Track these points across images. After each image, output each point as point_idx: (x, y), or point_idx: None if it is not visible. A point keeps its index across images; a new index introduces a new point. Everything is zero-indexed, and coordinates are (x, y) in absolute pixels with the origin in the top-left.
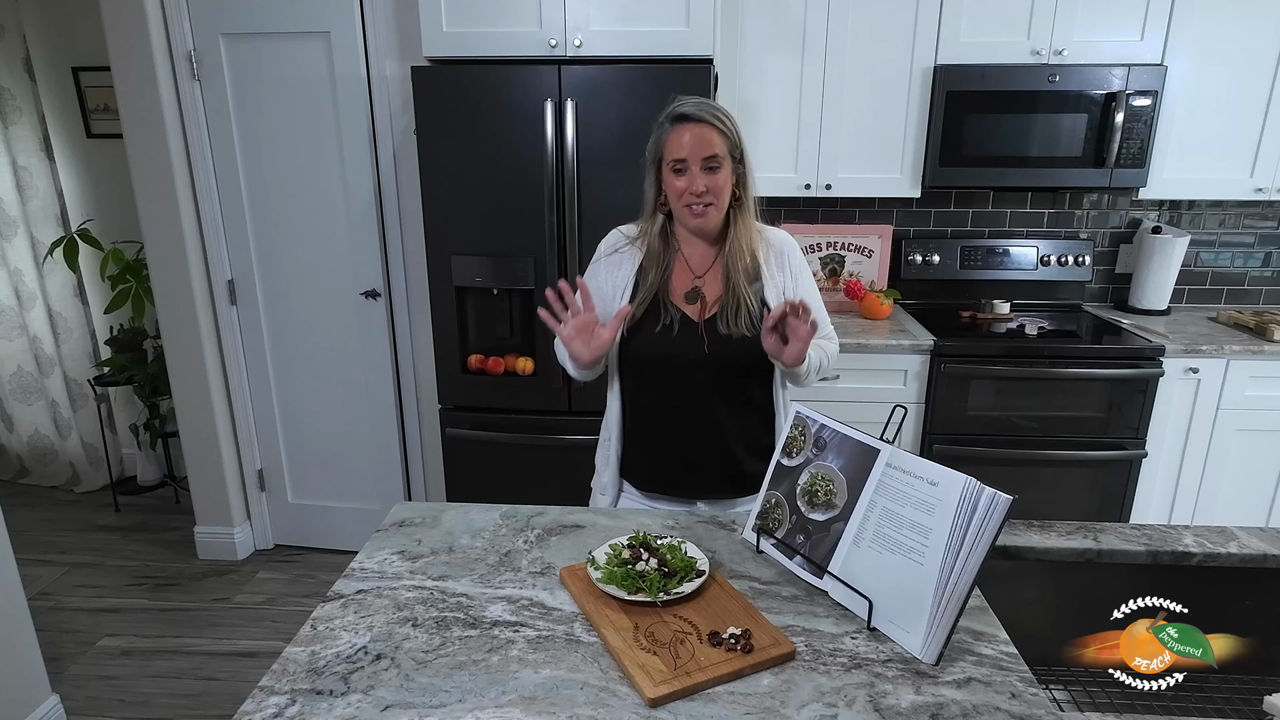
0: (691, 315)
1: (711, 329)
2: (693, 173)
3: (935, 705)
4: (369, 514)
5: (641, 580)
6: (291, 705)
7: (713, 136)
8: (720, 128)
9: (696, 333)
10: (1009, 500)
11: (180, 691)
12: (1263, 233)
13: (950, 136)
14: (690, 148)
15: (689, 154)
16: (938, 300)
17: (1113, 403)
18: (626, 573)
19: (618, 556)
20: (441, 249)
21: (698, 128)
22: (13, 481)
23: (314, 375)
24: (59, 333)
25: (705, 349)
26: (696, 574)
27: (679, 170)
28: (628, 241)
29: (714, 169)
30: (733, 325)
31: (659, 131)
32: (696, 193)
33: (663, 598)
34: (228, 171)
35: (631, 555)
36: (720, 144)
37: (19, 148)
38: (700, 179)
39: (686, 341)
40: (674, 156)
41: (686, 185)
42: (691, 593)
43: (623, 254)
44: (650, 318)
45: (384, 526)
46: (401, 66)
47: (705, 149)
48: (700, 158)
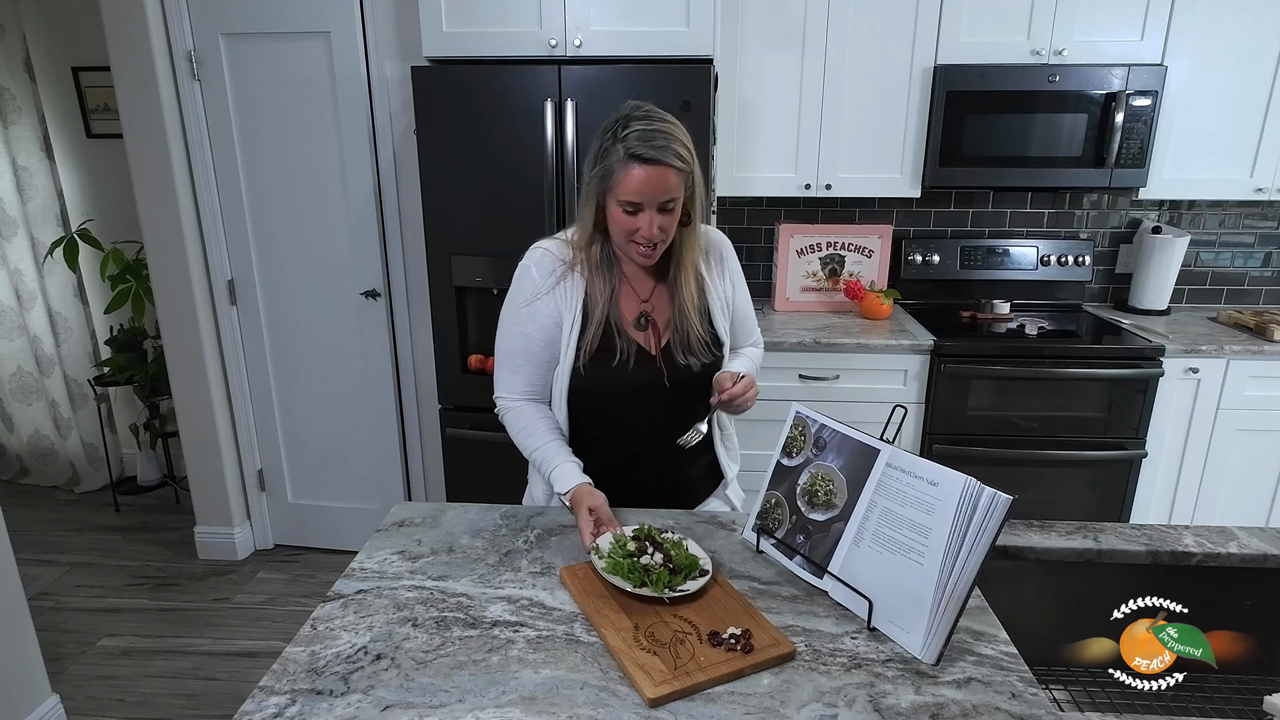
0: (645, 345)
1: (669, 360)
2: (647, 215)
3: (935, 705)
4: (369, 514)
5: (648, 574)
6: (291, 705)
7: (670, 179)
8: (679, 167)
9: (655, 365)
10: (1009, 500)
11: (180, 691)
12: (1263, 233)
13: (950, 136)
14: (646, 194)
15: (644, 200)
16: (938, 300)
17: (1113, 403)
18: (632, 565)
19: (622, 548)
20: (441, 249)
21: (656, 171)
22: (13, 481)
23: (314, 375)
24: (59, 333)
25: (666, 381)
26: (700, 573)
27: (630, 211)
28: (564, 265)
29: (669, 210)
30: (688, 354)
31: (609, 160)
32: (648, 237)
33: (669, 594)
34: (228, 171)
35: (637, 548)
36: (677, 183)
37: (19, 148)
38: (655, 220)
39: (645, 375)
40: (626, 198)
41: (636, 227)
42: (694, 592)
43: (564, 282)
44: (604, 351)
45: (384, 526)
46: (401, 66)
47: (662, 194)
48: (656, 202)
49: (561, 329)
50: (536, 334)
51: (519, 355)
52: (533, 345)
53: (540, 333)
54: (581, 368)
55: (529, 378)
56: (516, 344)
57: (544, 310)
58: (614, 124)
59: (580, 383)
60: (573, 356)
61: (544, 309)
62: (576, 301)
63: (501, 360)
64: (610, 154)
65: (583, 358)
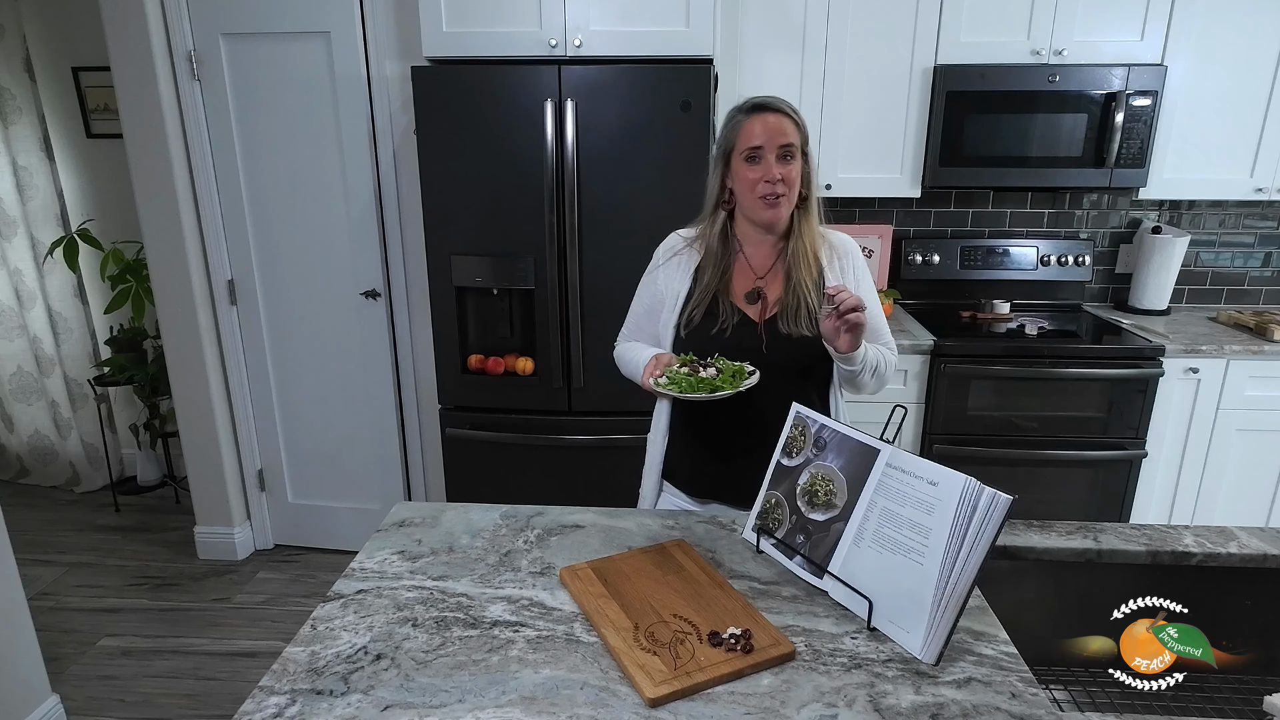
0: (751, 315)
1: (771, 329)
2: (768, 160)
3: (935, 705)
4: (369, 514)
5: (715, 381)
6: (291, 705)
7: (788, 126)
8: (795, 119)
9: (755, 332)
10: (1009, 500)
11: (180, 691)
12: (1263, 233)
13: (950, 136)
14: (766, 136)
15: (765, 141)
16: (938, 300)
17: (1113, 403)
18: (698, 380)
19: (678, 373)
20: (441, 249)
21: (774, 117)
22: (13, 481)
23: (314, 375)
24: (59, 333)
25: (764, 349)
26: (749, 374)
27: (753, 159)
28: (685, 244)
29: (789, 159)
30: (793, 325)
31: (730, 124)
32: (772, 180)
33: (743, 385)
34: (228, 171)
35: (691, 370)
36: (795, 134)
37: (19, 148)
38: (775, 168)
39: (743, 341)
40: (749, 144)
41: (761, 174)
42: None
43: (680, 256)
44: (708, 319)
45: (384, 526)
46: (401, 66)
47: (781, 137)
48: (776, 145)
49: (674, 297)
50: (646, 299)
51: (633, 316)
52: (640, 308)
53: (652, 299)
54: (682, 332)
55: (635, 335)
56: (634, 306)
57: (658, 280)
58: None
59: (680, 346)
60: (675, 321)
61: (659, 280)
62: (688, 271)
63: (626, 319)
64: (731, 120)
65: (685, 325)
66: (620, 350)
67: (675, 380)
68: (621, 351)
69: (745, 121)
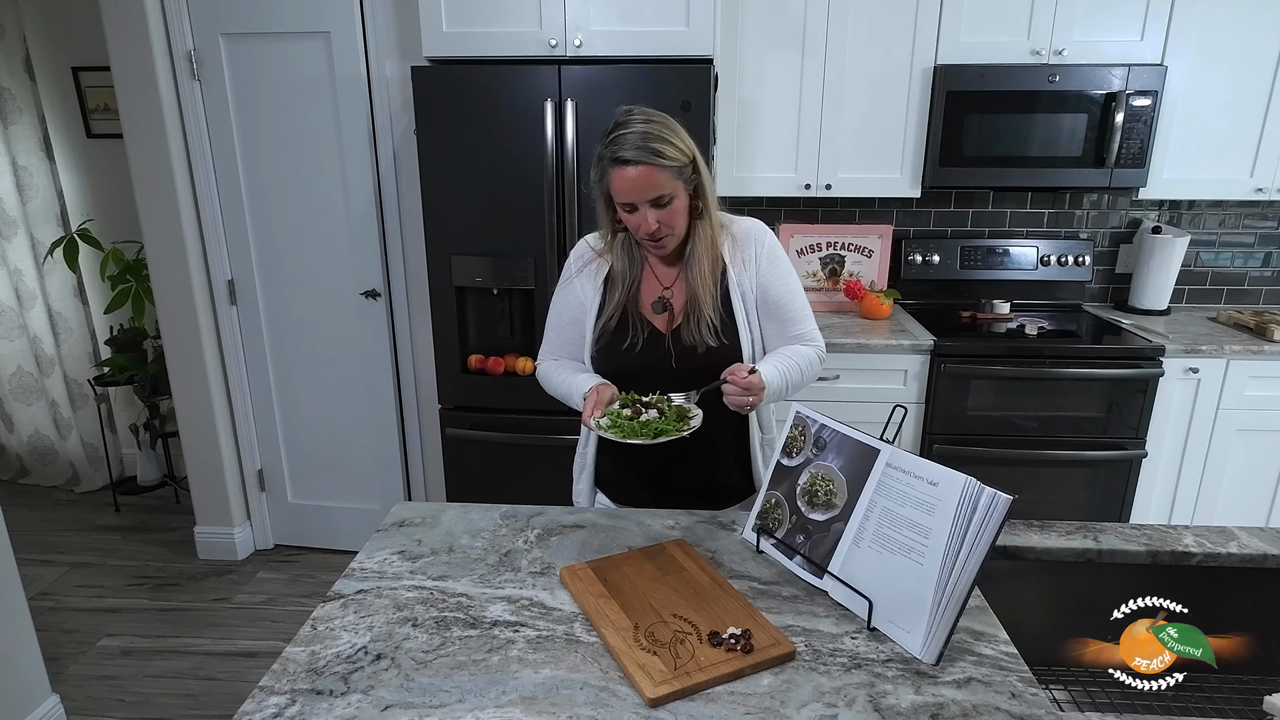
0: (659, 327)
1: (677, 341)
2: (643, 211)
3: (935, 705)
4: (369, 514)
5: (657, 425)
6: (291, 705)
7: (656, 176)
8: (664, 164)
9: (664, 345)
10: (1009, 500)
11: (180, 691)
12: (1263, 233)
13: (950, 136)
14: (634, 193)
15: (634, 198)
16: (938, 300)
17: (1112, 403)
18: (638, 424)
19: (619, 415)
20: (441, 249)
21: (635, 171)
22: (13, 481)
23: (314, 375)
24: (59, 333)
25: (673, 363)
26: (693, 415)
27: (629, 210)
28: (595, 254)
29: (664, 204)
30: (695, 336)
31: (601, 166)
32: (650, 232)
33: (682, 429)
34: (228, 171)
35: (633, 412)
36: (666, 179)
37: (19, 148)
38: (651, 215)
39: (654, 355)
40: (620, 200)
41: (638, 222)
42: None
43: (592, 267)
44: (619, 333)
45: (384, 526)
46: (401, 66)
47: (650, 191)
48: (646, 199)
49: (589, 306)
50: (565, 312)
51: (553, 329)
52: (562, 322)
53: (568, 310)
54: (597, 348)
55: (559, 350)
56: (552, 319)
57: (573, 292)
58: (604, 132)
59: (597, 363)
60: (591, 336)
61: (574, 291)
62: (599, 285)
63: (545, 333)
64: (601, 159)
65: (600, 339)
66: (544, 370)
67: (618, 425)
68: (547, 372)
69: (612, 172)
